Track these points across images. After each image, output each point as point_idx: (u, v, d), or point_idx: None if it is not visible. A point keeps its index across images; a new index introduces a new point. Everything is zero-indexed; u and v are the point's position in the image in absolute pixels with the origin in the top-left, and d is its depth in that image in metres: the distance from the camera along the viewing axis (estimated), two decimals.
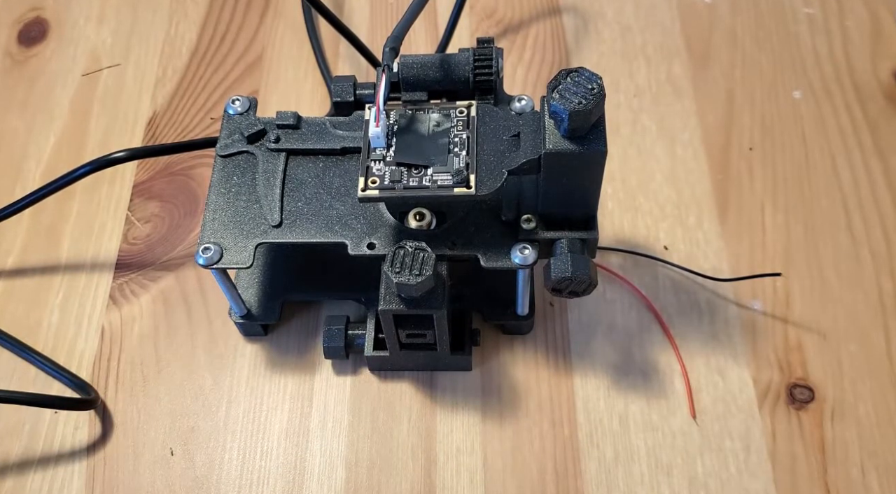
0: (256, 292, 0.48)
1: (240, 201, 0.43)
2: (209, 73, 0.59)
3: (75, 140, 0.57)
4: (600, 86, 0.37)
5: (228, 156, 0.45)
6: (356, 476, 0.44)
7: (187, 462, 0.45)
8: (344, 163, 0.44)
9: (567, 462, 0.44)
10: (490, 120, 0.41)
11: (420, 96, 0.43)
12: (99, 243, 0.52)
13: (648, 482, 0.43)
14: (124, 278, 0.51)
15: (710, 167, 0.53)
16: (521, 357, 0.47)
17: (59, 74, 0.60)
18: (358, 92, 0.45)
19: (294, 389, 0.47)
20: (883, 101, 0.55)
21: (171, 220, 0.53)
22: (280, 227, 0.42)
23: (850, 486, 0.42)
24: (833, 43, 0.58)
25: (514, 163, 0.40)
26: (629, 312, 0.48)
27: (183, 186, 0.54)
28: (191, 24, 0.62)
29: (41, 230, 0.53)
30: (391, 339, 0.44)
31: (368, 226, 0.42)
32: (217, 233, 0.42)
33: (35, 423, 0.46)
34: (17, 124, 0.58)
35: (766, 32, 0.59)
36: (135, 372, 0.48)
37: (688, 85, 0.57)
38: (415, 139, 0.41)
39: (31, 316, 0.50)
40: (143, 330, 0.49)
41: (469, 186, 0.39)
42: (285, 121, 0.45)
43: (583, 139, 0.38)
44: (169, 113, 0.57)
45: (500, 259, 0.41)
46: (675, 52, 0.58)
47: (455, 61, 0.43)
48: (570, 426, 0.45)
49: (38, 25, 0.63)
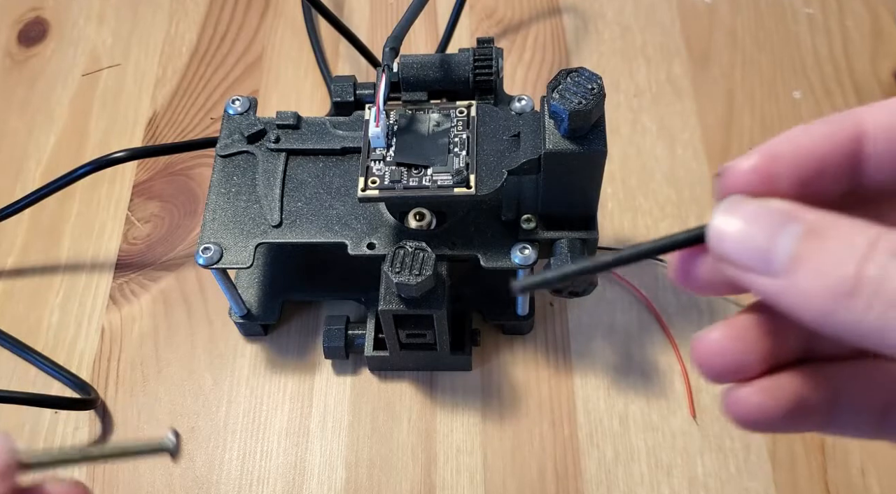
0: (256, 292, 0.48)
1: (240, 201, 0.43)
2: (209, 73, 0.59)
3: (75, 140, 0.57)
4: (600, 86, 0.37)
5: (228, 156, 0.45)
6: (356, 476, 0.44)
7: (187, 462, 0.45)
8: (344, 163, 0.44)
9: (567, 462, 0.44)
10: (490, 120, 0.41)
11: (420, 96, 0.43)
12: (99, 243, 0.52)
13: (648, 482, 0.43)
14: (124, 278, 0.51)
15: (710, 167, 0.53)
16: (521, 357, 0.47)
17: (59, 74, 0.60)
18: (358, 92, 0.45)
19: (294, 389, 0.47)
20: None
21: (171, 220, 0.53)
22: (280, 227, 0.42)
23: (850, 486, 0.42)
24: (833, 43, 0.58)
25: (514, 163, 0.40)
26: (629, 312, 0.48)
27: (183, 186, 0.54)
28: (191, 24, 0.62)
29: (41, 230, 0.53)
30: (391, 339, 0.44)
31: (368, 226, 0.42)
32: (217, 233, 0.42)
33: (35, 423, 0.46)
34: (17, 124, 0.58)
35: (766, 32, 0.59)
36: (135, 371, 0.48)
37: (688, 85, 0.57)
38: (415, 139, 0.41)
39: (31, 316, 0.50)
40: (143, 330, 0.49)
41: (469, 186, 0.39)
42: (285, 121, 0.45)
43: (583, 139, 0.38)
44: (169, 113, 0.57)
45: (500, 259, 0.41)
46: (675, 52, 0.58)
47: (455, 61, 0.43)
48: (570, 426, 0.45)
49: (38, 25, 0.63)
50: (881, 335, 0.18)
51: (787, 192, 0.20)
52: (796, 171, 0.20)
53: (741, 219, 0.19)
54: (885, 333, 0.17)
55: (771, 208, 0.19)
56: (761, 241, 0.19)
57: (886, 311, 0.17)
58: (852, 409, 0.22)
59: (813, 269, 0.18)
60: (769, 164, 0.20)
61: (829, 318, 0.18)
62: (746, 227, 0.19)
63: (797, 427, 0.22)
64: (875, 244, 0.18)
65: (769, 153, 0.20)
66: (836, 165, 0.20)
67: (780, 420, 0.22)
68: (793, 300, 0.19)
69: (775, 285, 0.19)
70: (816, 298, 0.18)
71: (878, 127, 0.20)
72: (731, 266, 0.20)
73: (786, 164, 0.20)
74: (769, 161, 0.20)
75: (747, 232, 0.19)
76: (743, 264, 0.19)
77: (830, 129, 0.20)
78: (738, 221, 0.19)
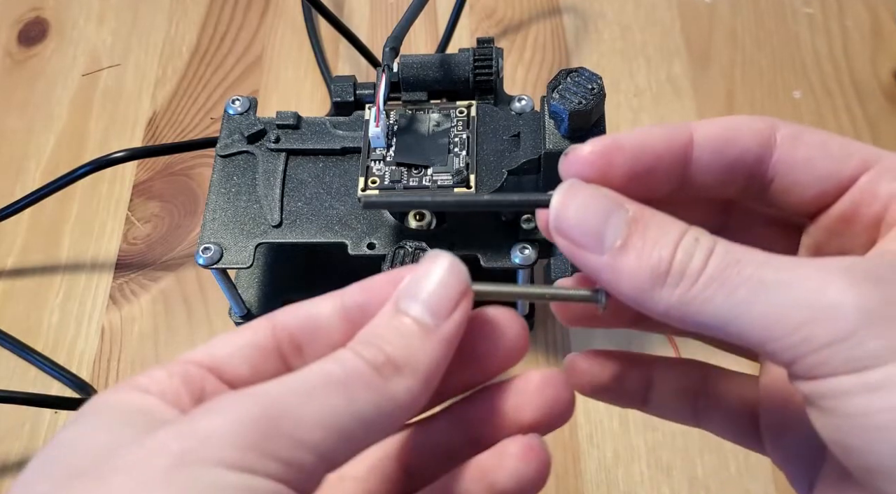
0: (256, 292, 0.48)
1: (240, 201, 0.43)
2: (209, 73, 0.59)
3: (75, 140, 0.57)
4: (600, 86, 0.37)
5: (228, 156, 0.45)
6: None
7: None
8: (344, 163, 0.44)
9: (567, 462, 0.44)
10: (490, 120, 0.41)
11: (420, 96, 0.43)
12: (99, 243, 0.52)
13: (648, 482, 0.43)
14: (124, 278, 0.51)
15: None
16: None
17: (59, 74, 0.60)
18: (358, 92, 0.45)
19: None
20: (883, 101, 0.55)
21: (171, 220, 0.53)
22: (280, 227, 0.42)
23: None
24: (833, 43, 0.58)
25: (514, 163, 0.40)
26: None
27: (183, 186, 0.54)
28: (191, 24, 0.62)
29: (41, 230, 0.53)
30: None
31: (368, 226, 0.42)
32: (217, 233, 0.42)
33: (35, 423, 0.46)
34: (17, 124, 0.58)
35: (766, 32, 0.59)
36: (135, 371, 0.48)
37: (688, 85, 0.57)
38: (415, 139, 0.41)
39: (31, 316, 0.50)
40: (143, 330, 0.49)
41: (469, 186, 0.39)
42: (285, 121, 0.45)
43: (583, 139, 0.38)
44: (169, 113, 0.57)
45: (500, 259, 0.41)
46: (675, 52, 0.58)
47: (455, 61, 0.43)
48: (570, 426, 0.45)
49: (38, 25, 0.63)
50: (682, 313, 0.20)
51: (620, 181, 0.22)
52: (631, 164, 0.22)
53: (579, 201, 0.22)
54: (685, 311, 0.20)
55: (603, 194, 0.22)
56: (595, 223, 0.21)
57: (687, 291, 0.20)
58: (664, 394, 0.27)
59: (636, 251, 0.21)
60: (610, 152, 0.22)
61: (647, 295, 0.21)
62: (582, 210, 0.22)
63: (619, 400, 0.27)
64: (684, 233, 0.21)
65: (612, 143, 0.22)
66: (667, 165, 0.23)
67: (602, 389, 0.26)
68: (617, 277, 0.21)
69: (603, 263, 0.21)
70: (637, 277, 0.21)
71: (706, 137, 0.23)
72: (566, 241, 0.22)
73: (624, 156, 0.22)
74: (610, 149, 0.22)
75: (583, 214, 0.21)
76: (578, 242, 0.22)
77: (668, 133, 0.23)
78: (576, 203, 0.22)
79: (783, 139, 0.23)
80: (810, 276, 0.20)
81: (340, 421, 0.19)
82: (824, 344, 0.19)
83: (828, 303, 0.19)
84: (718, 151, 0.23)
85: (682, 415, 0.27)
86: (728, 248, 0.20)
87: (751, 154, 0.23)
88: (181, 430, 0.18)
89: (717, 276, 0.20)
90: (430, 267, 0.22)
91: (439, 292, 0.22)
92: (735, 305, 0.20)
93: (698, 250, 0.20)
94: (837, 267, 0.20)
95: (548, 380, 0.24)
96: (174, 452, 0.18)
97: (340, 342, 0.22)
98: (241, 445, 0.18)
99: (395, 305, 0.22)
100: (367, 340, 0.21)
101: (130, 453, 0.18)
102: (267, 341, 0.23)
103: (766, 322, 0.19)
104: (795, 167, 0.23)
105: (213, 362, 0.22)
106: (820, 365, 0.19)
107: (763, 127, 0.23)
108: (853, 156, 0.22)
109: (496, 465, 0.23)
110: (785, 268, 0.20)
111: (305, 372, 0.20)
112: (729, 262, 0.20)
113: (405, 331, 0.21)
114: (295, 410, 0.19)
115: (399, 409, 0.20)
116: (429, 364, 0.21)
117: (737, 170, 0.23)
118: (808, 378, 0.19)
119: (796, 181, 0.23)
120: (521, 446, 0.23)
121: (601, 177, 0.22)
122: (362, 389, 0.20)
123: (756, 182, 0.23)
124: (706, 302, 0.20)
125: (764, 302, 0.19)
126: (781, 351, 0.19)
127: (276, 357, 0.22)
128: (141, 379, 0.21)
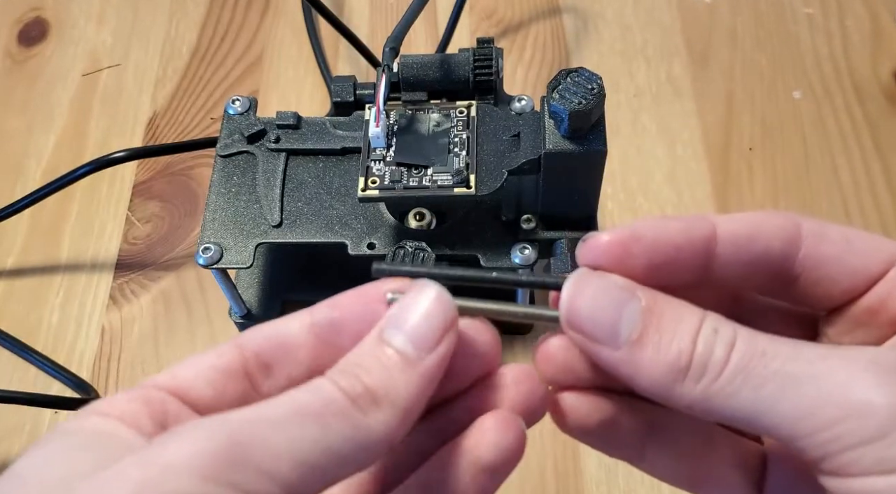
0: (256, 292, 0.48)
1: (240, 201, 0.43)
2: (209, 73, 0.59)
3: (75, 140, 0.57)
4: (600, 86, 0.37)
5: (228, 156, 0.45)
6: None
7: None
8: (344, 163, 0.44)
9: (567, 462, 0.44)
10: (490, 120, 0.41)
11: (420, 96, 0.43)
12: (99, 243, 0.52)
13: (649, 481, 0.43)
14: (124, 278, 0.51)
15: (710, 167, 0.53)
16: (521, 357, 0.47)
17: (59, 74, 0.60)
18: (358, 92, 0.45)
19: None
20: (883, 101, 0.55)
21: (171, 220, 0.53)
22: (280, 227, 0.42)
23: None
24: (833, 43, 0.58)
25: (514, 163, 0.40)
26: None
27: (183, 186, 0.54)
28: (191, 24, 0.62)
29: (41, 230, 0.53)
30: None
31: (368, 226, 0.42)
32: (217, 233, 0.42)
33: (35, 423, 0.46)
34: (17, 124, 0.58)
35: (766, 32, 0.59)
36: (135, 371, 0.48)
37: (688, 85, 0.57)
38: (415, 139, 0.41)
39: (31, 316, 0.50)
40: (143, 330, 0.49)
41: (469, 186, 0.39)
42: (285, 121, 0.45)
43: (583, 139, 0.38)
44: (169, 113, 0.57)
45: (500, 259, 0.41)
46: (675, 52, 0.58)
47: (455, 61, 0.43)
48: None
49: (38, 25, 0.63)
50: (706, 407, 0.20)
51: (639, 271, 0.22)
52: (650, 255, 0.22)
53: (590, 293, 0.21)
54: (709, 405, 0.20)
55: (614, 284, 0.21)
56: (609, 316, 0.21)
57: (710, 385, 0.20)
58: (664, 448, 0.25)
59: (653, 344, 0.20)
60: (628, 243, 0.22)
61: (668, 391, 0.20)
62: (595, 302, 0.21)
63: (610, 448, 0.25)
64: (702, 321, 0.20)
65: (631, 232, 0.22)
66: (687, 257, 0.22)
67: (592, 433, 0.24)
68: (636, 372, 0.21)
69: (620, 358, 0.21)
70: (657, 372, 0.20)
71: (728, 233, 0.22)
72: (581, 336, 0.21)
73: (642, 246, 0.22)
74: (629, 240, 0.22)
75: (596, 306, 0.21)
76: (593, 336, 0.21)
77: (687, 226, 0.22)
78: (588, 295, 0.21)
79: (808, 235, 0.22)
80: (837, 369, 0.19)
81: (311, 454, 0.18)
82: (856, 443, 0.19)
83: (858, 401, 0.19)
84: (742, 247, 0.22)
85: (679, 479, 0.26)
86: (750, 339, 0.20)
87: (775, 250, 0.22)
88: (143, 458, 0.18)
89: (742, 370, 0.20)
90: (417, 298, 0.21)
91: (424, 324, 0.21)
92: (762, 400, 0.19)
93: (719, 341, 0.20)
94: (864, 359, 0.20)
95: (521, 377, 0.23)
96: (135, 481, 0.17)
97: (310, 359, 0.21)
98: (205, 475, 0.17)
99: (379, 334, 0.21)
100: (345, 369, 0.20)
101: (90, 482, 0.17)
102: (232, 363, 0.22)
103: (796, 419, 0.19)
104: (824, 263, 0.22)
105: (176, 385, 0.21)
106: (851, 464, 0.19)
107: (787, 223, 0.22)
108: (880, 250, 0.22)
109: (477, 441, 0.22)
110: (810, 361, 0.20)
111: (278, 400, 0.19)
112: (753, 354, 0.20)
113: (387, 362, 0.20)
114: (263, 440, 0.18)
115: (374, 443, 0.20)
116: (408, 397, 0.20)
117: (760, 266, 0.23)
118: (837, 475, 0.19)
119: (825, 276, 0.22)
120: (496, 419, 0.23)
121: (619, 265, 0.22)
122: (336, 420, 0.19)
123: (781, 277, 0.23)
124: (730, 396, 0.20)
125: (793, 398, 0.19)
126: (812, 448, 0.19)
127: (242, 378, 0.22)
128: (100, 404, 0.20)
